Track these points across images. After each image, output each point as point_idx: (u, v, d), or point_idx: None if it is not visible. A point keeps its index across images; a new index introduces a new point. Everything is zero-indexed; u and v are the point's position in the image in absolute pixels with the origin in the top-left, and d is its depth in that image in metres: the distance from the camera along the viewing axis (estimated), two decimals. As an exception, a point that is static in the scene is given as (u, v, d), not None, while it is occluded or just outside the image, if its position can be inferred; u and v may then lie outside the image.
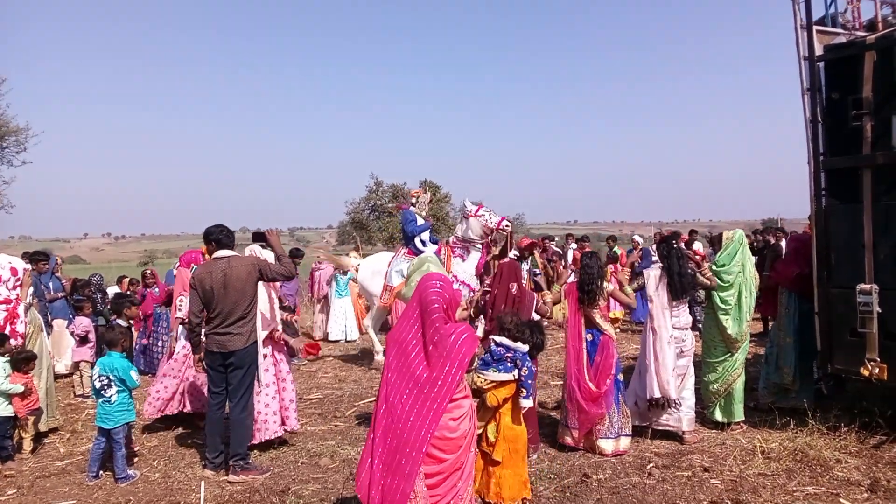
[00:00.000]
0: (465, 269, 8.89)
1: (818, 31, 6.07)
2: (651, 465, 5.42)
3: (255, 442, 5.90)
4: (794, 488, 4.84)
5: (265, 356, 6.00)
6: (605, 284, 5.82)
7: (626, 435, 5.77)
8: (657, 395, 5.85)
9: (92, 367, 6.78)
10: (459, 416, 3.68)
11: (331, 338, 12.61)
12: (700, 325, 6.86)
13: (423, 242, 9.41)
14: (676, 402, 5.90)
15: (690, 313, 6.33)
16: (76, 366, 8.77)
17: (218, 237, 5.70)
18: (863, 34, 6.16)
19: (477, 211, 8.90)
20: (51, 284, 9.69)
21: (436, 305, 3.65)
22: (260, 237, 6.02)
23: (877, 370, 5.47)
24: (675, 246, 6.20)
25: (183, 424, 6.98)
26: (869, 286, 5.50)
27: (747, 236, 9.23)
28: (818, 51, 6.02)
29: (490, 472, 4.42)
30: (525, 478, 4.47)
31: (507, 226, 8.88)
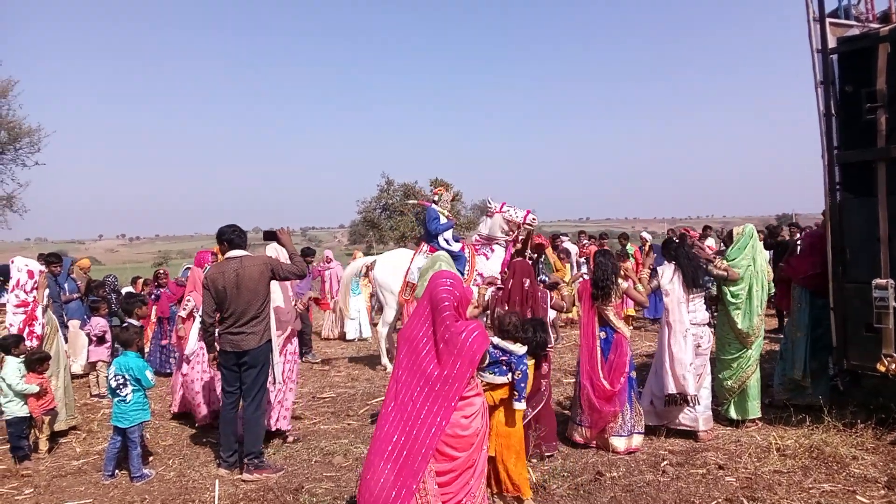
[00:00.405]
0: (490, 268, 8.85)
1: (831, 24, 6.02)
2: (665, 462, 5.40)
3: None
4: (810, 485, 4.80)
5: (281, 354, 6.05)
6: (620, 282, 5.80)
7: (639, 433, 5.74)
8: (673, 391, 5.81)
9: (108, 367, 6.84)
10: (471, 414, 3.68)
11: (347, 337, 12.69)
12: (714, 322, 6.83)
13: (447, 241, 9.32)
14: (694, 399, 5.85)
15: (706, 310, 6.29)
16: (92, 366, 8.87)
17: (230, 237, 5.73)
18: (876, 26, 6.11)
19: (501, 207, 8.89)
20: (66, 286, 9.79)
21: (446, 303, 3.65)
22: (271, 236, 6.05)
23: (893, 365, 5.42)
24: (678, 242, 6.21)
25: (197, 423, 7.02)
26: (885, 281, 5.44)
27: (760, 232, 9.14)
28: (831, 43, 5.96)
29: (490, 468, 4.40)
30: (525, 476, 4.42)
31: (533, 219, 8.88)
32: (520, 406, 4.34)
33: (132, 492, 5.33)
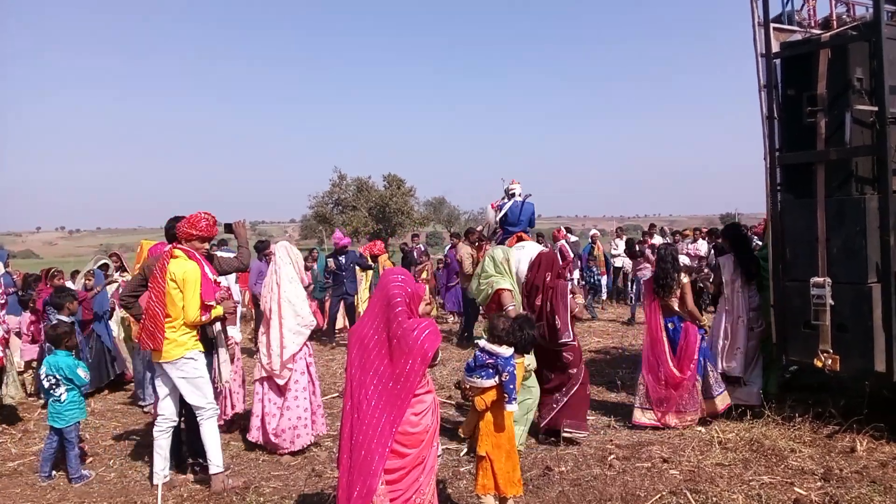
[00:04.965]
0: None
1: (775, 29, 6.18)
2: (612, 456, 5.48)
3: (294, 449, 5.86)
4: (751, 477, 4.94)
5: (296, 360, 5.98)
6: (682, 276, 6.20)
7: (693, 410, 6.19)
8: (724, 370, 6.37)
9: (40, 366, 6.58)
10: (421, 412, 3.67)
11: None
12: None
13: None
14: (744, 380, 6.38)
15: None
16: (28, 364, 8.52)
17: (168, 230, 5.56)
18: (818, 32, 6.28)
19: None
20: (1, 280, 9.36)
21: (398, 300, 3.63)
22: (229, 228, 5.93)
23: (829, 361, 5.61)
24: (744, 233, 6.77)
25: (139, 423, 6.83)
26: (822, 279, 5.62)
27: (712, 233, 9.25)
28: (775, 48, 6.12)
29: (482, 466, 4.36)
30: (517, 476, 4.40)
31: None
32: (511, 408, 4.26)
33: (70, 494, 5.16)
